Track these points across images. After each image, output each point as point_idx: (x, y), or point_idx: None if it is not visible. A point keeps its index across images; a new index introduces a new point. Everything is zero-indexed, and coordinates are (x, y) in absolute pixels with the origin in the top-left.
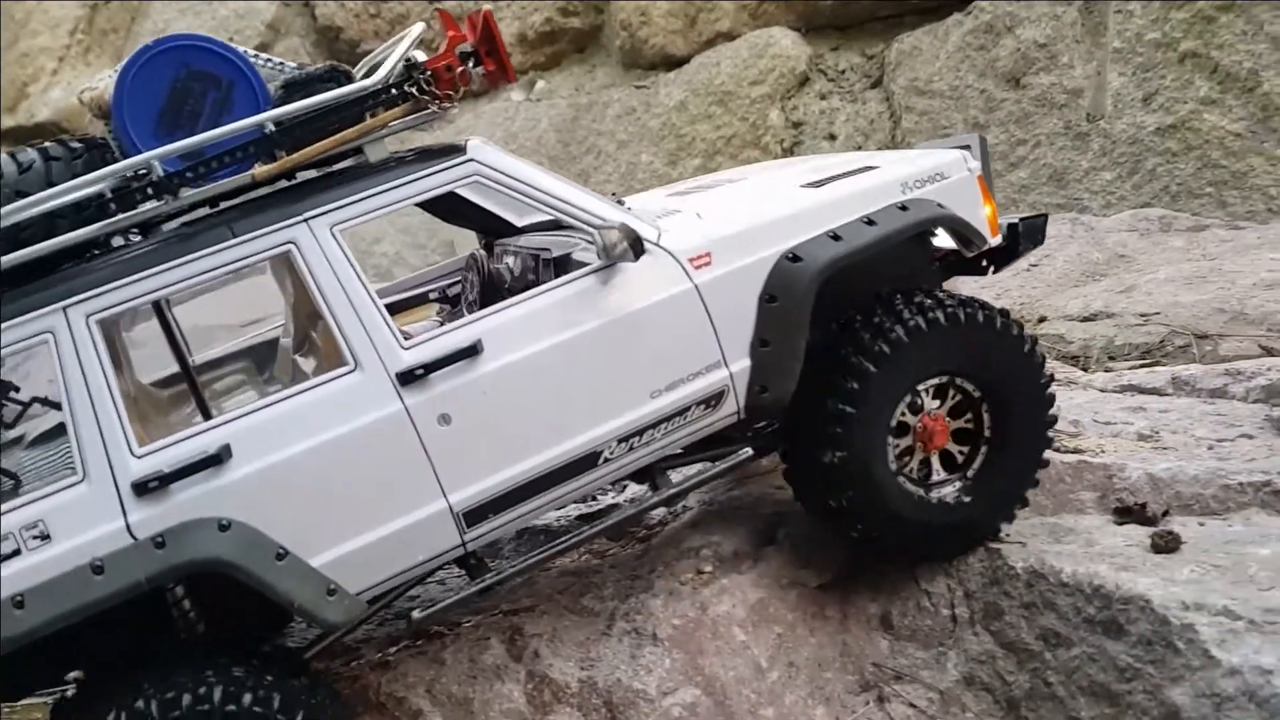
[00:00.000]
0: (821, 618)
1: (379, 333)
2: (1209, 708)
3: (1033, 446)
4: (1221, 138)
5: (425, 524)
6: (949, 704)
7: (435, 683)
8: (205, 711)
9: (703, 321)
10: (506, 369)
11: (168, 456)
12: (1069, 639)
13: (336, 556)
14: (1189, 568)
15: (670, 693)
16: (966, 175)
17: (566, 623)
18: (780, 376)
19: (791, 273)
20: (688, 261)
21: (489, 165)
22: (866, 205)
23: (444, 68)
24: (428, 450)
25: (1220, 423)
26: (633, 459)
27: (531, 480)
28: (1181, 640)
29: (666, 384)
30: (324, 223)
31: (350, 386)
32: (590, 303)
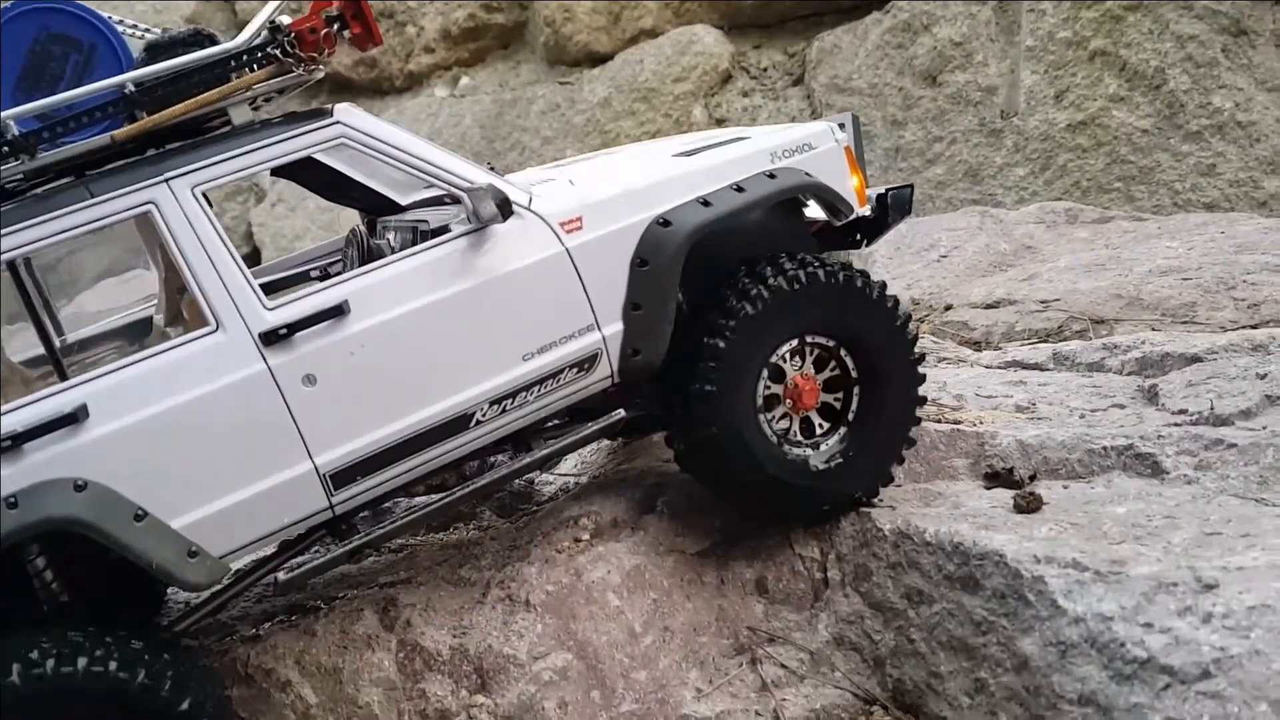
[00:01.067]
0: (698, 583)
1: (241, 293)
2: (1055, 655)
3: (904, 386)
4: (1130, 134)
5: (290, 486)
6: (819, 664)
7: (305, 654)
8: (68, 674)
9: (574, 285)
10: (374, 329)
11: (21, 417)
12: (930, 596)
13: (198, 518)
14: (1047, 526)
15: (541, 657)
16: (834, 146)
17: (442, 593)
18: (652, 339)
19: (662, 237)
20: (559, 225)
21: (356, 129)
22: (736, 173)
23: (308, 30)
24: (292, 411)
25: (1095, 394)
26: (506, 422)
27: (401, 442)
28: (1032, 592)
29: (538, 347)
30: (185, 183)
31: (212, 347)
32: (460, 265)
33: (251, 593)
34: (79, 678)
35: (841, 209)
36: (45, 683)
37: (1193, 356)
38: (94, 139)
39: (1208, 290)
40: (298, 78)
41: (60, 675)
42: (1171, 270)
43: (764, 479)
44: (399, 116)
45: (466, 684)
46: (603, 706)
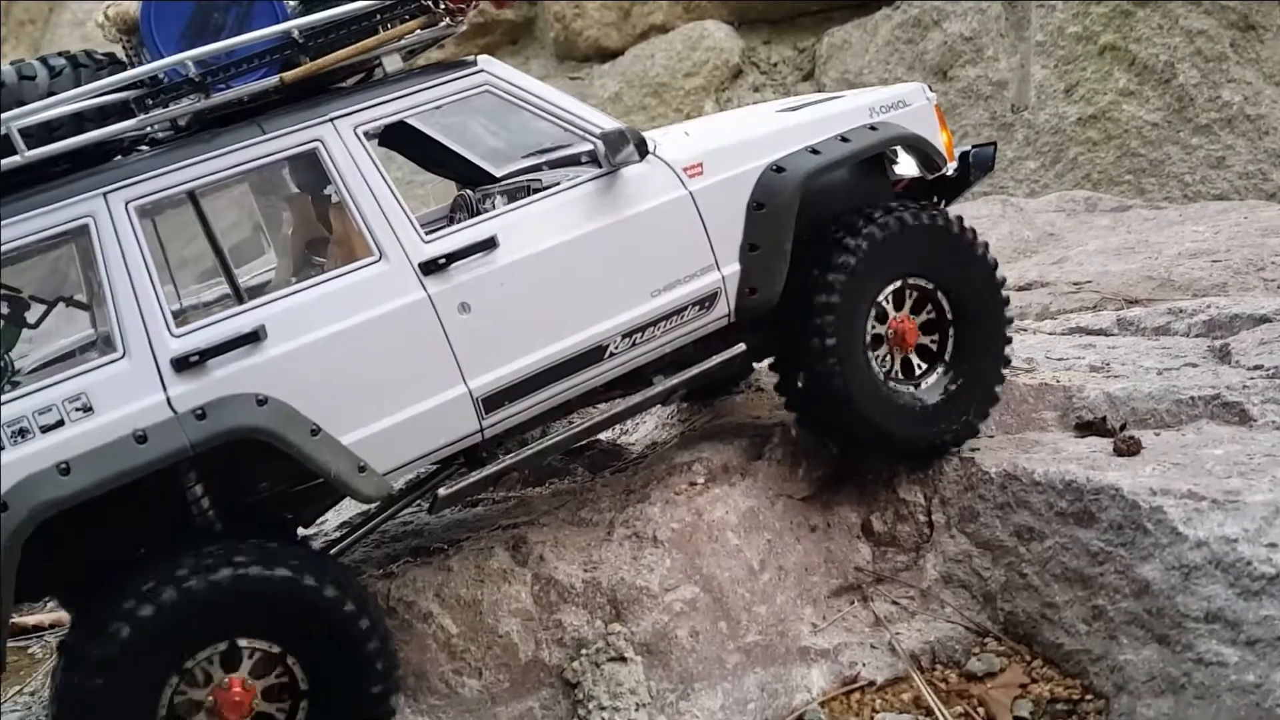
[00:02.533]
0: (806, 526)
1: (402, 226)
2: (1178, 578)
3: (995, 325)
4: (1140, 127)
5: (447, 408)
6: (929, 601)
7: (444, 587)
8: (243, 576)
9: (697, 226)
10: (521, 262)
11: (206, 335)
12: (1042, 532)
13: (365, 436)
14: (1150, 467)
15: (672, 589)
16: (925, 103)
17: (567, 532)
18: (768, 278)
19: (777, 182)
20: (682, 170)
21: (498, 76)
22: (840, 126)
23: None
24: (449, 336)
25: (1166, 354)
26: (635, 355)
27: (545, 370)
28: (1150, 521)
29: (665, 284)
30: (348, 123)
31: (376, 275)
32: (596, 205)
33: (369, 539)
34: (273, 583)
35: (936, 159)
36: (244, 583)
37: (1261, 317)
38: (264, 81)
39: (1238, 271)
40: (445, 29)
41: (257, 579)
42: (1200, 253)
43: (877, 416)
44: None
45: (601, 614)
46: (729, 636)
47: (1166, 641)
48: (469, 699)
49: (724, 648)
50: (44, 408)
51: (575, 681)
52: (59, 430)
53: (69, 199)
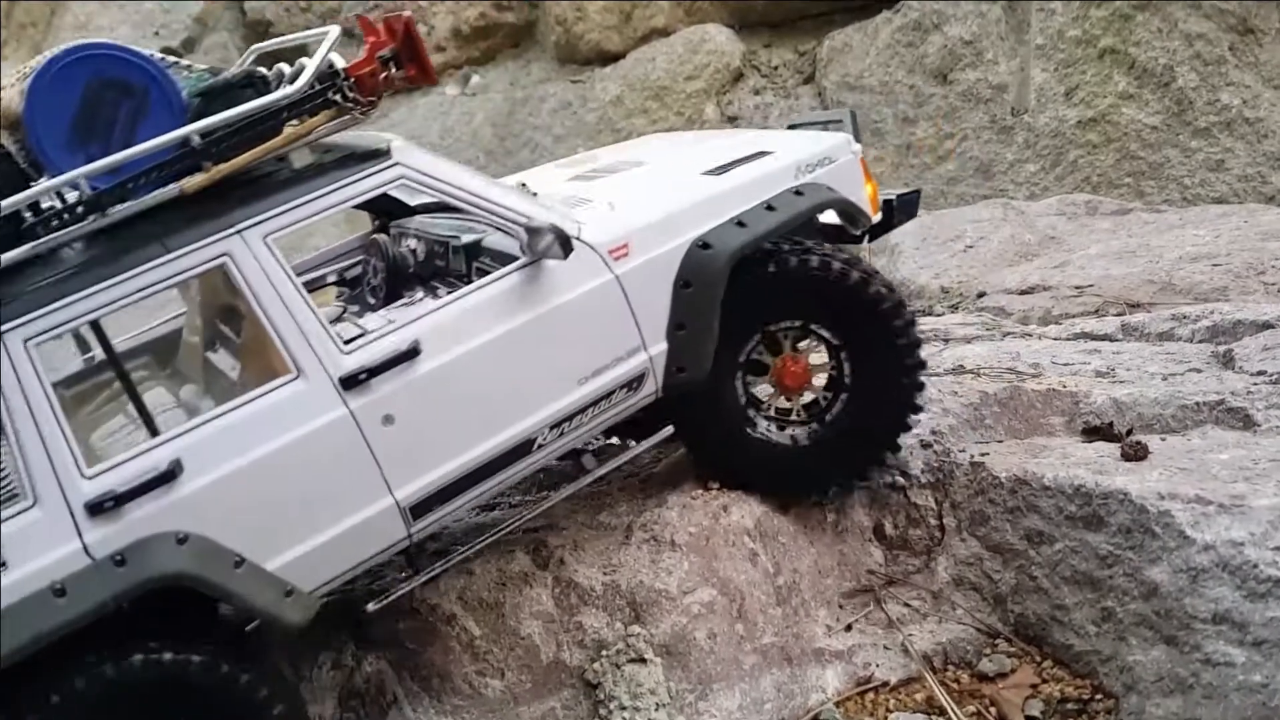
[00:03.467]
0: (819, 530)
1: (319, 340)
2: (1185, 580)
3: (897, 386)
4: (1139, 130)
5: (374, 520)
6: (940, 603)
7: (466, 590)
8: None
9: (623, 309)
10: (445, 367)
11: (120, 475)
12: (1051, 536)
13: (291, 559)
14: (1157, 472)
15: (689, 592)
16: (851, 158)
17: (586, 535)
18: (696, 357)
19: (703, 259)
20: (608, 254)
21: (414, 168)
22: (765, 191)
23: (368, 73)
24: (373, 450)
25: (1170, 360)
26: (564, 443)
27: (472, 471)
28: (1158, 525)
29: (592, 371)
30: (257, 233)
31: (295, 394)
32: (520, 298)
33: None
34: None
35: (860, 220)
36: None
37: (1264, 324)
38: (164, 191)
39: (1238, 275)
40: (354, 120)
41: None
42: (1201, 257)
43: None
44: (410, 115)
45: (621, 616)
46: (746, 637)
47: (1175, 642)
48: (492, 699)
49: (741, 649)
50: None
51: (596, 682)
52: None
53: None
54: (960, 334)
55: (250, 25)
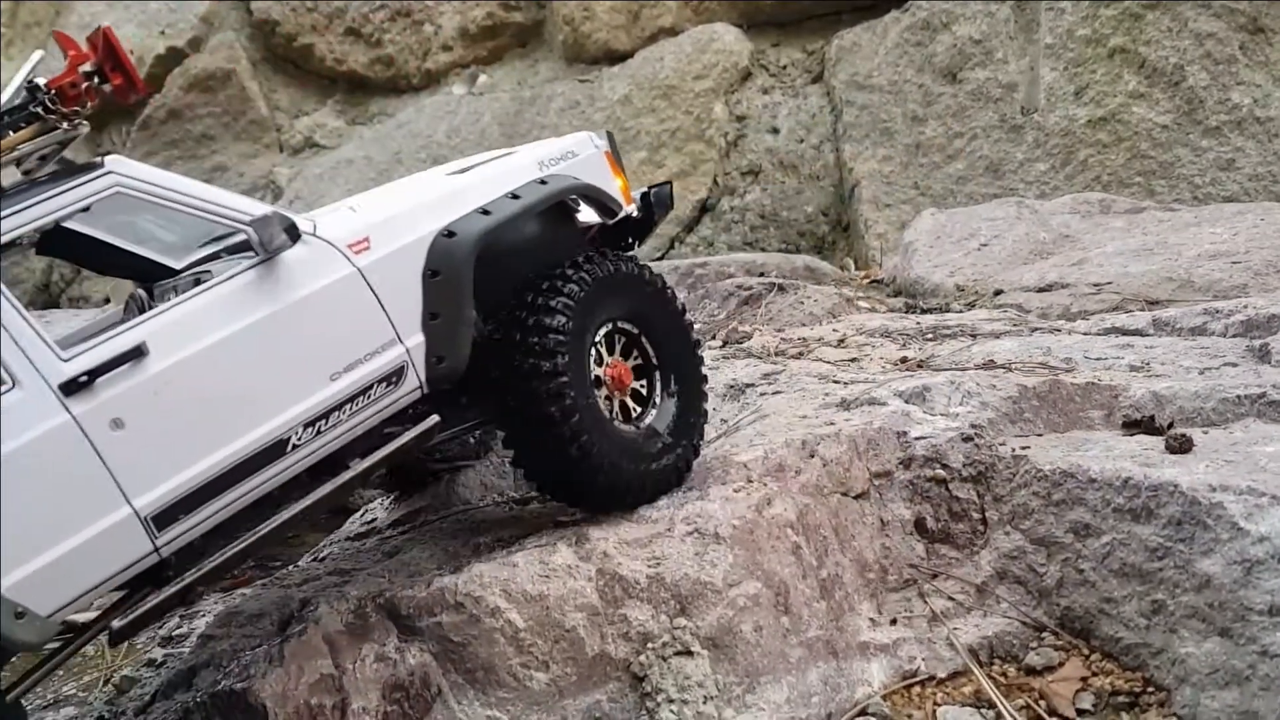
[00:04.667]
0: (861, 523)
1: (34, 347)
2: (1240, 572)
3: (690, 362)
4: (1150, 130)
5: (112, 533)
6: (985, 596)
7: (510, 582)
8: None
9: (370, 302)
10: (175, 367)
11: None
12: (1099, 528)
13: (20, 578)
14: (1204, 464)
15: (735, 584)
16: (594, 152)
17: (628, 528)
18: (454, 345)
19: (449, 246)
20: (346, 247)
21: (129, 175)
22: (509, 183)
23: (69, 85)
24: (103, 457)
25: (1204, 354)
26: (323, 443)
27: (220, 475)
28: (1210, 517)
29: (344, 365)
30: None
31: (11, 404)
32: (254, 295)
33: (435, 544)
34: None
35: (611, 206)
36: None
37: None
38: None
39: (1258, 273)
40: (67, 133)
41: None
42: (1220, 254)
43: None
44: (417, 116)
45: (666, 609)
46: (791, 630)
47: (1229, 634)
48: (537, 692)
49: (786, 642)
50: None
51: (643, 675)
52: None
53: None
54: (987, 330)
55: (256, 25)
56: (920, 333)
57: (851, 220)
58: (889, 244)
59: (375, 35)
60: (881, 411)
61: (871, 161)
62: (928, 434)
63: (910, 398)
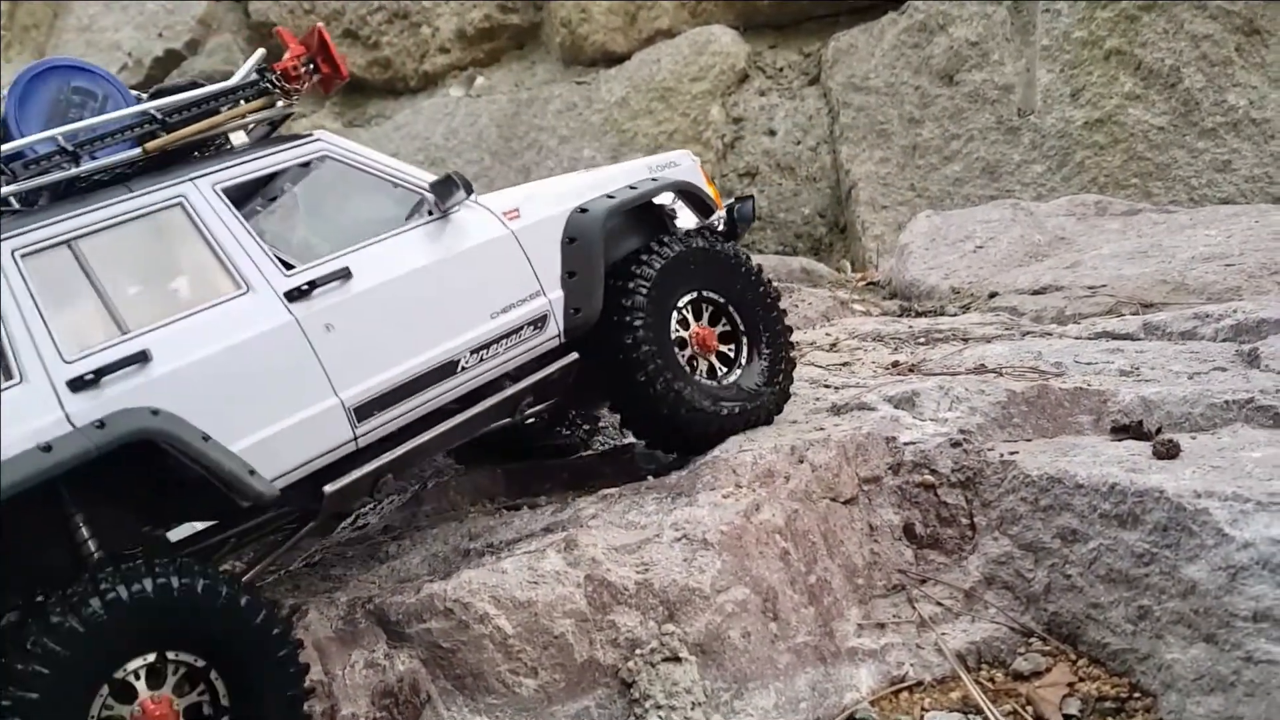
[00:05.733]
0: (850, 529)
1: (263, 262)
2: (1225, 578)
3: (774, 329)
4: (1146, 131)
5: (323, 417)
6: (973, 601)
7: (498, 589)
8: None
9: (520, 259)
10: (374, 289)
11: (97, 359)
12: (1085, 534)
13: (250, 444)
14: (1191, 469)
15: (723, 590)
16: (692, 164)
17: (616, 534)
18: (588, 298)
19: (583, 220)
20: (502, 214)
21: (334, 144)
22: (627, 179)
23: (291, 68)
24: (317, 353)
25: (1194, 359)
26: (484, 369)
27: (406, 382)
28: (1195, 523)
29: (502, 307)
30: (207, 182)
31: (245, 304)
32: (432, 242)
33: (425, 549)
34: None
35: (707, 202)
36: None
37: None
38: (128, 152)
39: (1251, 275)
40: (285, 109)
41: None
42: (1214, 257)
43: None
44: (415, 117)
45: (654, 615)
46: (780, 636)
47: (1215, 640)
48: (526, 698)
49: (775, 648)
50: None
51: (631, 681)
52: None
53: None
54: (979, 333)
55: (254, 27)
56: (912, 336)
57: (848, 222)
58: (886, 245)
59: (373, 37)
60: (871, 417)
61: (868, 163)
62: (917, 439)
63: (900, 403)
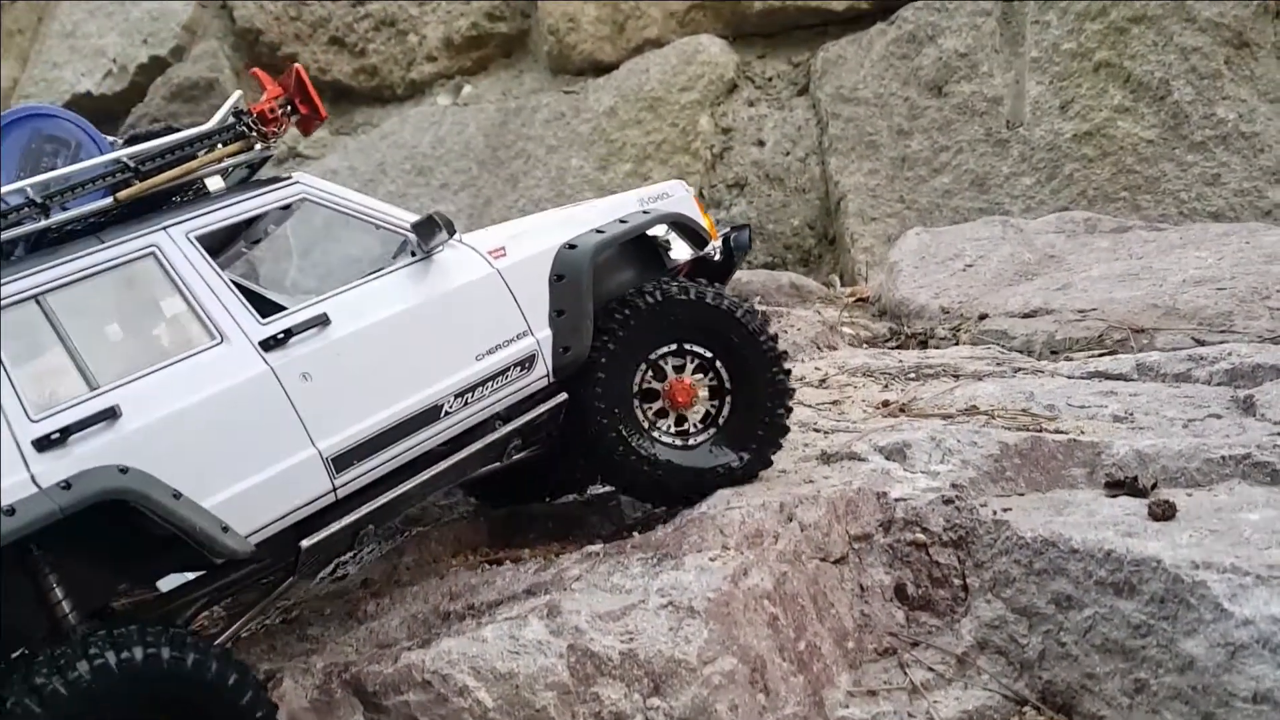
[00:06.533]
0: (840, 590)
1: (239, 311)
2: (1224, 656)
3: (772, 390)
4: (1135, 144)
5: (299, 468)
6: (965, 667)
7: (479, 659)
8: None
9: (507, 299)
10: (353, 335)
11: (65, 417)
12: (1081, 601)
13: (223, 499)
14: (1187, 533)
15: (710, 661)
16: (685, 195)
17: (601, 599)
18: (577, 336)
19: (571, 256)
20: (487, 253)
21: (313, 187)
22: (616, 212)
23: (267, 111)
24: (294, 402)
25: (1189, 404)
26: (469, 413)
27: (387, 429)
28: (1193, 596)
29: (487, 349)
30: (180, 230)
31: (218, 354)
32: (415, 284)
33: (405, 609)
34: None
35: (701, 234)
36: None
37: None
38: (99, 202)
39: (1243, 300)
40: (263, 152)
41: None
42: (1205, 280)
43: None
44: (401, 126)
45: (639, 688)
46: (768, 708)
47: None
48: None
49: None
50: None
51: None
52: None
53: None
54: (970, 370)
55: (240, 33)
56: (903, 372)
57: (837, 233)
58: (875, 257)
59: (359, 45)
60: (862, 469)
61: (857, 175)
62: (908, 495)
63: (891, 454)
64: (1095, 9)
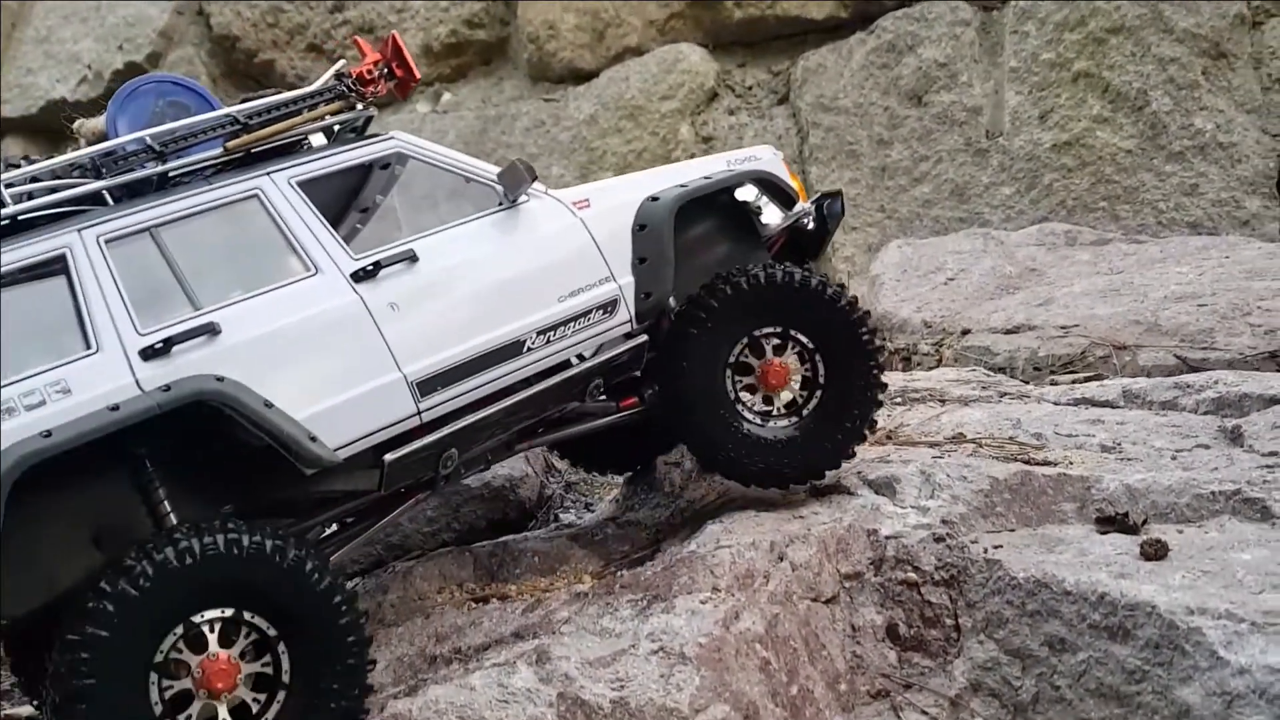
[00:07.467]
0: (832, 630)
1: (332, 247)
2: (1220, 705)
3: (863, 387)
4: (1114, 154)
5: (385, 390)
6: (959, 710)
7: (467, 709)
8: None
9: (590, 246)
10: (439, 270)
11: (168, 331)
12: (1075, 644)
13: (311, 413)
14: (1180, 574)
15: (702, 710)
16: (774, 156)
17: (590, 644)
18: (659, 282)
19: (654, 208)
20: (571, 204)
21: (409, 143)
22: (702, 171)
23: (366, 72)
24: (381, 330)
25: (1176, 434)
26: (551, 350)
27: (471, 359)
28: (1189, 643)
29: (570, 291)
30: (282, 176)
31: (313, 284)
32: (499, 229)
33: (391, 651)
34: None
35: (788, 191)
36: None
37: (1271, 398)
38: (211, 151)
39: (1224, 316)
40: (362, 112)
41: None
42: (1186, 296)
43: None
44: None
45: None
46: None
47: None
48: None
49: None
50: (28, 391)
51: None
52: (41, 408)
53: (49, 236)
54: (956, 394)
55: (216, 40)
56: (888, 396)
57: None
58: (855, 267)
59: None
60: (851, 504)
61: (838, 184)
62: (898, 531)
63: (880, 488)
64: (1074, 19)
